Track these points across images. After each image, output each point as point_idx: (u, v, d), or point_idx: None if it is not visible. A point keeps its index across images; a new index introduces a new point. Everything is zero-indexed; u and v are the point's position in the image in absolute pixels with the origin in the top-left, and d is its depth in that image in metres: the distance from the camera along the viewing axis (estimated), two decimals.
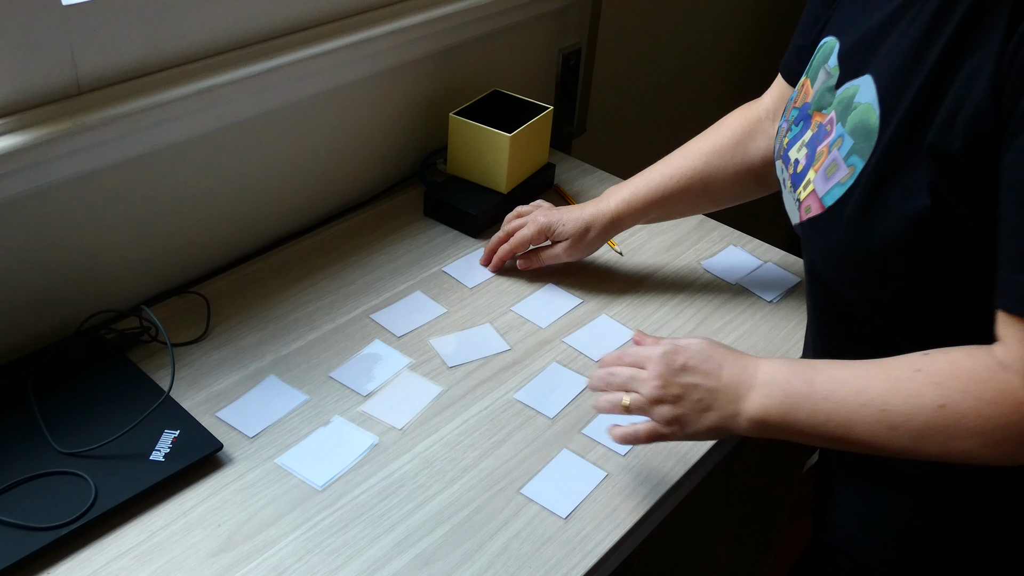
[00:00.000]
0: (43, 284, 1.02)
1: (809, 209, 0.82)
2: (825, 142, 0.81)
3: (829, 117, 0.82)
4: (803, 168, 0.84)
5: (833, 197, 0.78)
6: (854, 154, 0.77)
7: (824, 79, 0.85)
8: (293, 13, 1.14)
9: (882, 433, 0.74)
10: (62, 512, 0.83)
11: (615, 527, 0.89)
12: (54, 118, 0.93)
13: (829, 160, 0.80)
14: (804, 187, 0.83)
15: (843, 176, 0.77)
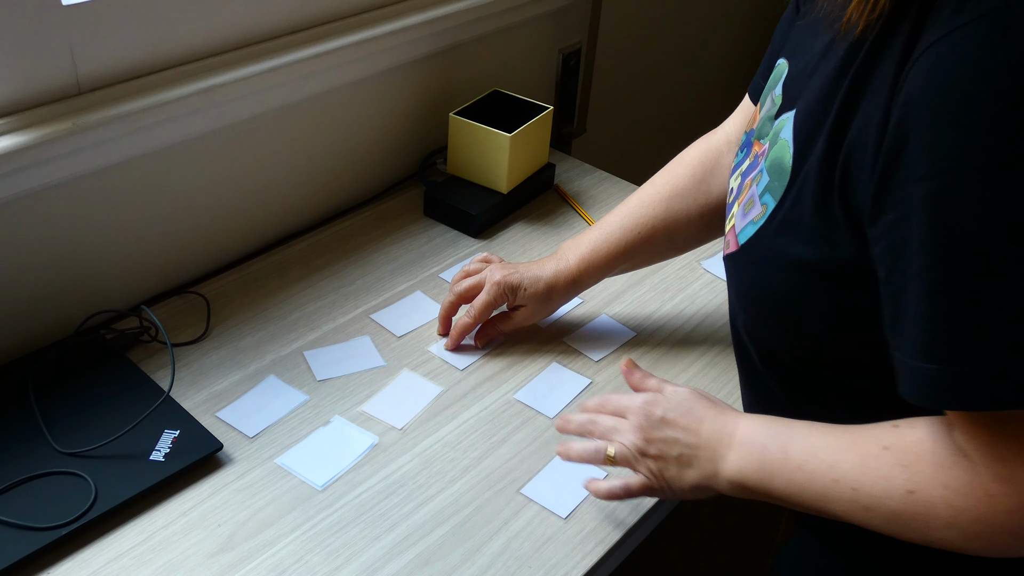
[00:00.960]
0: (43, 284, 1.02)
1: (727, 244, 0.78)
2: (751, 175, 0.78)
3: (763, 148, 0.78)
4: (732, 199, 0.81)
5: (746, 235, 0.75)
6: (768, 192, 0.73)
7: (768, 107, 0.80)
8: (293, 13, 1.14)
9: (858, 513, 0.70)
10: (62, 512, 0.83)
11: (615, 527, 0.89)
12: (54, 118, 0.93)
13: (748, 195, 0.76)
14: (729, 220, 0.80)
15: (756, 215, 0.74)
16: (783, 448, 0.74)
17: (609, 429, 0.83)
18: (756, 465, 0.75)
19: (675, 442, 0.79)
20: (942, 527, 0.66)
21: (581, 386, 1.04)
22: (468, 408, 1.01)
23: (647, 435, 0.80)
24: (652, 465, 0.80)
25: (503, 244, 1.27)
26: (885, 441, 0.69)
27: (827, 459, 0.71)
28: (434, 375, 1.04)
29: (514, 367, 1.06)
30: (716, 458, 0.78)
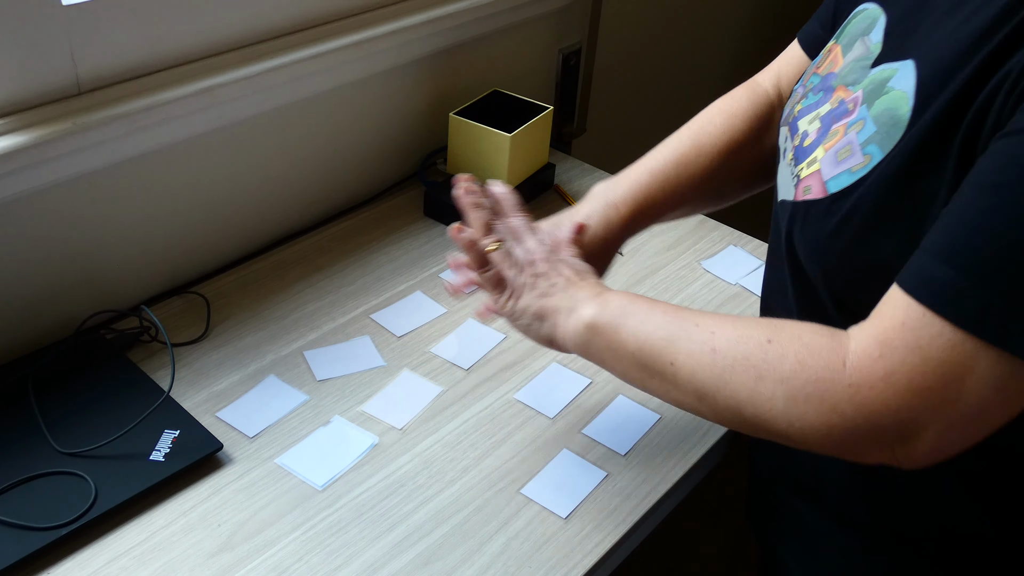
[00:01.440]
0: (43, 284, 1.02)
1: (808, 190, 0.75)
2: (843, 121, 0.74)
3: (854, 96, 0.74)
4: (811, 143, 0.77)
5: (839, 184, 0.71)
6: (873, 143, 0.70)
7: (861, 52, 0.77)
8: (293, 13, 1.14)
9: (703, 354, 0.71)
10: (62, 512, 0.83)
11: (615, 527, 0.89)
12: (54, 118, 0.93)
13: (844, 142, 0.73)
14: (808, 164, 0.76)
15: (856, 164, 0.70)
16: (652, 302, 0.78)
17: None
18: (616, 310, 0.78)
19: (548, 280, 0.84)
20: (776, 379, 0.67)
21: (581, 386, 1.04)
22: (468, 408, 1.01)
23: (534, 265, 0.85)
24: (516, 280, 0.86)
25: None
26: (767, 320, 0.72)
27: (694, 317, 0.74)
28: (434, 375, 1.04)
29: (514, 367, 1.06)
30: (576, 301, 0.81)
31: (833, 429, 0.65)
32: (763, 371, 0.68)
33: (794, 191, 0.77)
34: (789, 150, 0.81)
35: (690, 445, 0.98)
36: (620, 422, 1.00)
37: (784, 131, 0.84)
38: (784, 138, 0.84)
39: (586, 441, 0.98)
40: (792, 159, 0.80)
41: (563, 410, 1.01)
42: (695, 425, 1.00)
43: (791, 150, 0.81)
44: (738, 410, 0.70)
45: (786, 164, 0.81)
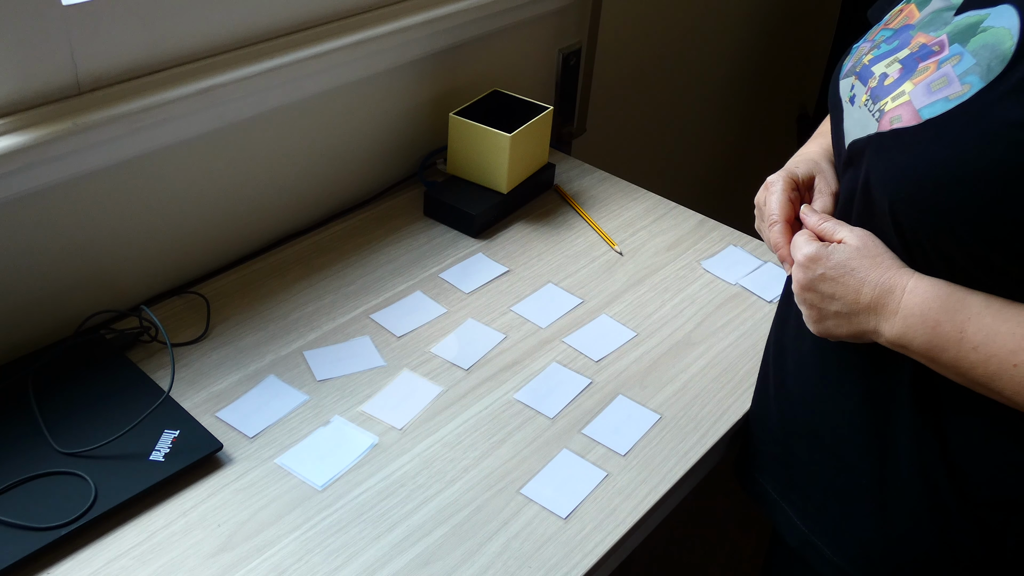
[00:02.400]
0: (43, 284, 1.02)
1: (897, 119, 0.74)
2: (932, 59, 0.74)
3: (938, 39, 0.75)
4: (894, 81, 0.77)
5: (934, 111, 0.71)
6: (973, 74, 0.70)
7: (941, 5, 0.78)
8: (293, 13, 1.14)
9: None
10: (62, 512, 0.83)
11: (615, 527, 0.89)
12: (54, 118, 0.93)
13: (938, 74, 0.73)
14: (894, 98, 0.75)
15: (954, 92, 0.70)
16: (960, 328, 0.72)
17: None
18: (925, 338, 0.74)
19: (832, 299, 0.79)
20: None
21: (581, 386, 1.04)
22: (468, 408, 1.01)
23: (807, 287, 0.80)
24: (811, 312, 0.81)
25: (503, 244, 1.27)
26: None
27: (1009, 345, 0.70)
28: (434, 375, 1.04)
29: (514, 367, 1.06)
30: (878, 320, 0.77)
31: None
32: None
33: (877, 124, 0.76)
34: (862, 94, 0.80)
35: (690, 445, 0.98)
36: (620, 422, 1.00)
37: (849, 81, 0.83)
38: (849, 87, 0.83)
39: (586, 441, 0.98)
40: (867, 99, 0.79)
41: (563, 410, 1.01)
42: (695, 425, 1.01)
43: (865, 92, 0.80)
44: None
45: (856, 108, 0.80)
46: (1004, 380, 0.71)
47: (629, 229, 1.32)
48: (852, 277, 0.77)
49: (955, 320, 0.72)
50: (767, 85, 2.32)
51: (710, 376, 1.07)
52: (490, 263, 1.23)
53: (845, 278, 0.77)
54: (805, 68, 2.43)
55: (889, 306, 0.75)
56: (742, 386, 1.06)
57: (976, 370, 0.72)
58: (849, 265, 0.77)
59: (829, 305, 0.79)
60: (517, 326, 1.13)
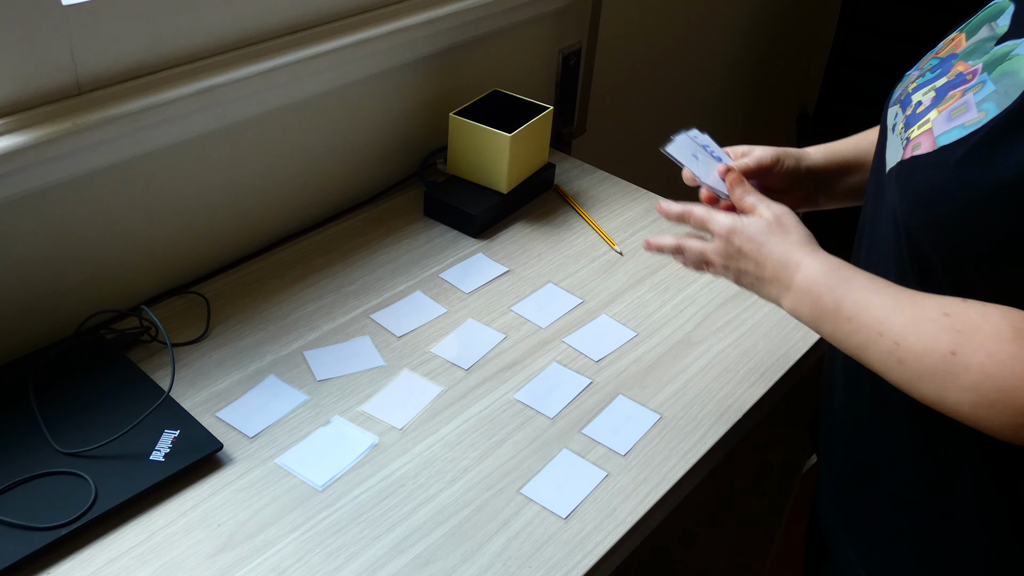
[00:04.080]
0: (43, 284, 1.02)
1: (918, 147, 0.76)
2: (961, 88, 0.76)
3: (974, 68, 0.77)
4: (925, 109, 0.79)
5: (949, 137, 0.73)
6: (990, 101, 0.71)
7: (986, 35, 0.79)
8: (293, 13, 1.14)
9: (891, 365, 0.74)
10: (62, 512, 0.83)
11: (615, 527, 0.89)
12: (54, 118, 0.93)
13: (959, 103, 0.75)
14: (920, 126, 0.78)
15: (970, 119, 0.72)
16: (837, 302, 0.79)
17: (698, 258, 0.91)
18: (808, 310, 0.81)
19: (746, 272, 0.87)
20: (964, 388, 0.69)
21: (581, 386, 1.04)
22: (468, 408, 1.01)
23: (725, 262, 0.88)
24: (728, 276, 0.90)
25: (503, 244, 1.27)
26: (947, 308, 0.72)
27: (877, 315, 0.75)
28: (434, 375, 1.04)
29: (514, 367, 1.06)
30: (778, 292, 0.84)
31: (1020, 429, 0.68)
32: (948, 382, 0.70)
33: (902, 153, 0.79)
34: (900, 122, 0.83)
35: (690, 445, 0.98)
36: (620, 422, 1.00)
37: (895, 109, 0.86)
38: (894, 115, 0.85)
39: (586, 441, 0.98)
40: (902, 128, 0.82)
41: (563, 410, 1.01)
42: (695, 425, 1.01)
43: (902, 122, 0.83)
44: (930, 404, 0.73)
45: (895, 137, 0.83)
46: (872, 349, 0.75)
47: (629, 229, 1.32)
48: (760, 252, 0.85)
49: (835, 295, 0.79)
50: (767, 85, 2.32)
51: (710, 376, 1.07)
52: (490, 263, 1.23)
53: (756, 252, 0.85)
54: (805, 68, 2.43)
55: (785, 280, 0.83)
56: (742, 386, 1.06)
57: (850, 340, 0.78)
58: (759, 240, 0.85)
59: (743, 278, 0.88)
60: (517, 326, 1.13)
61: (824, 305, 0.79)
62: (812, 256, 0.83)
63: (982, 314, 0.70)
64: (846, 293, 0.79)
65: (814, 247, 0.84)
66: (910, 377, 0.73)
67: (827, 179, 1.02)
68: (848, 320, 0.77)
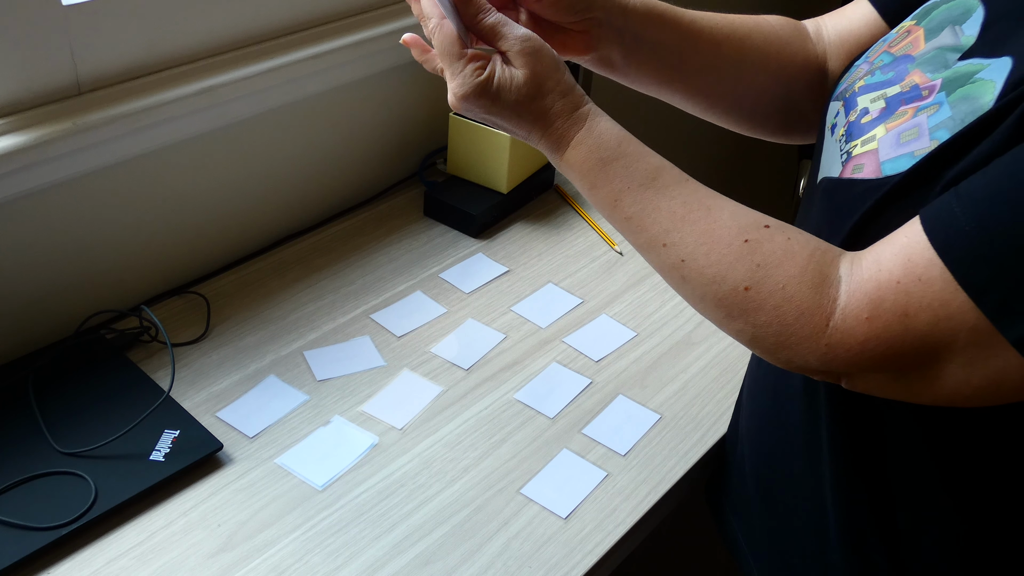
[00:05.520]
0: (43, 284, 1.02)
1: (859, 168, 0.69)
2: (914, 104, 0.68)
3: (931, 83, 0.68)
4: (871, 121, 0.71)
5: (896, 167, 0.65)
6: (944, 128, 0.64)
7: (950, 42, 0.70)
8: (293, 13, 1.14)
9: (673, 278, 0.68)
10: (62, 512, 0.83)
11: (615, 527, 0.89)
12: (54, 118, 0.93)
13: (910, 124, 0.67)
14: (864, 142, 0.70)
15: (920, 147, 0.65)
16: (615, 196, 0.70)
17: (441, 64, 0.73)
18: (583, 191, 0.72)
19: (499, 124, 0.73)
20: (749, 323, 0.65)
21: (581, 386, 1.04)
22: (468, 408, 1.01)
23: (469, 103, 0.71)
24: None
25: (503, 244, 1.27)
26: (749, 235, 0.65)
27: (664, 224, 0.68)
28: (434, 375, 1.04)
29: (514, 367, 1.06)
30: (548, 155, 0.73)
31: (790, 365, 0.65)
32: (734, 313, 0.65)
33: (840, 168, 0.71)
34: (841, 126, 0.75)
35: (690, 444, 0.98)
36: (620, 422, 1.00)
37: (836, 106, 0.78)
38: (835, 113, 0.78)
39: (586, 441, 0.98)
40: (843, 135, 0.74)
41: (563, 410, 1.01)
42: (695, 425, 1.01)
43: (843, 126, 0.75)
44: (709, 319, 0.68)
45: (833, 140, 0.75)
46: (652, 256, 0.69)
47: None
48: (521, 122, 0.72)
49: (612, 187, 0.69)
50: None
51: (710, 376, 1.07)
52: (490, 263, 1.23)
53: (513, 121, 0.72)
54: None
55: (555, 155, 0.72)
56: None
57: (630, 238, 0.70)
58: (516, 111, 0.71)
59: (493, 123, 0.73)
60: (517, 326, 1.13)
61: (600, 196, 0.70)
62: (584, 131, 0.70)
63: (787, 251, 0.64)
64: (625, 190, 0.69)
65: (583, 110, 0.71)
66: (692, 296, 0.68)
67: (634, 27, 0.82)
68: (627, 220, 0.69)
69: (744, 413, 0.92)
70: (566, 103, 0.71)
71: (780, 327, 0.64)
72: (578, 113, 0.71)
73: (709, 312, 0.68)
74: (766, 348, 0.66)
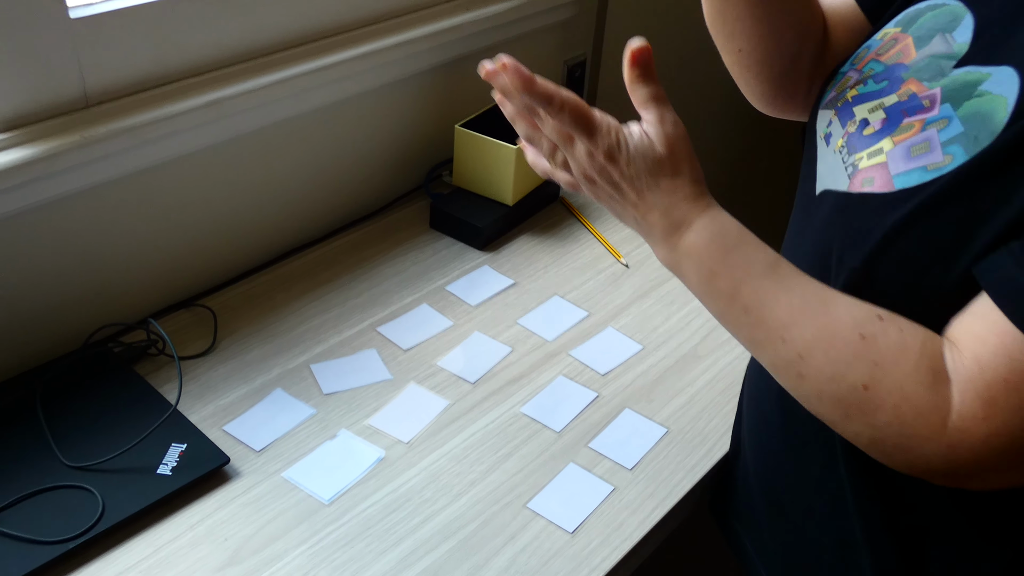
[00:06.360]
0: (51, 296, 1.02)
1: (870, 181, 0.68)
2: (918, 116, 0.68)
3: (930, 92, 0.68)
4: (875, 132, 0.71)
5: (908, 181, 0.65)
6: (957, 144, 0.64)
7: (942, 49, 0.70)
8: (298, 26, 1.14)
9: (788, 375, 0.67)
10: (69, 526, 0.83)
11: (622, 541, 0.89)
12: (62, 131, 0.93)
13: (920, 137, 0.67)
14: (871, 155, 0.70)
15: (933, 162, 0.65)
16: (734, 286, 0.68)
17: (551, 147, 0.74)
18: (695, 281, 0.71)
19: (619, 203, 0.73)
20: (868, 424, 0.64)
21: (588, 399, 1.04)
22: (475, 422, 1.01)
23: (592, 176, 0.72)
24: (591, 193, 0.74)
25: (509, 256, 1.27)
26: (865, 329, 0.64)
27: (782, 317, 0.66)
28: (441, 389, 1.04)
29: (520, 380, 1.06)
30: (655, 242, 0.73)
31: (913, 469, 0.64)
32: (852, 414, 0.64)
33: (848, 181, 0.71)
34: (838, 136, 0.75)
35: (697, 459, 0.98)
36: (627, 436, 1.00)
37: (828, 115, 0.78)
38: (827, 122, 0.77)
39: (593, 455, 0.98)
40: (843, 146, 0.73)
41: (570, 424, 1.01)
42: (701, 438, 1.00)
43: (842, 137, 0.74)
44: (824, 421, 0.67)
45: (831, 151, 0.75)
46: (769, 351, 0.68)
47: (635, 241, 1.32)
48: (643, 198, 0.71)
49: (732, 276, 0.68)
50: None
51: (717, 389, 1.07)
52: (496, 275, 1.23)
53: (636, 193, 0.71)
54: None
55: (670, 239, 0.71)
56: None
57: (744, 332, 0.69)
58: (644, 183, 0.70)
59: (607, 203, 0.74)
60: (523, 339, 1.13)
61: (718, 286, 0.69)
62: (708, 219, 0.70)
63: (900, 345, 0.63)
64: (745, 278, 0.68)
65: (707, 200, 0.71)
66: (809, 394, 0.66)
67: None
68: (745, 311, 0.68)
69: (746, 424, 0.92)
70: (694, 189, 0.71)
71: (900, 427, 0.63)
72: (703, 200, 0.71)
73: (826, 411, 0.66)
74: (886, 451, 0.65)
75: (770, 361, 0.68)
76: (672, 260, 0.72)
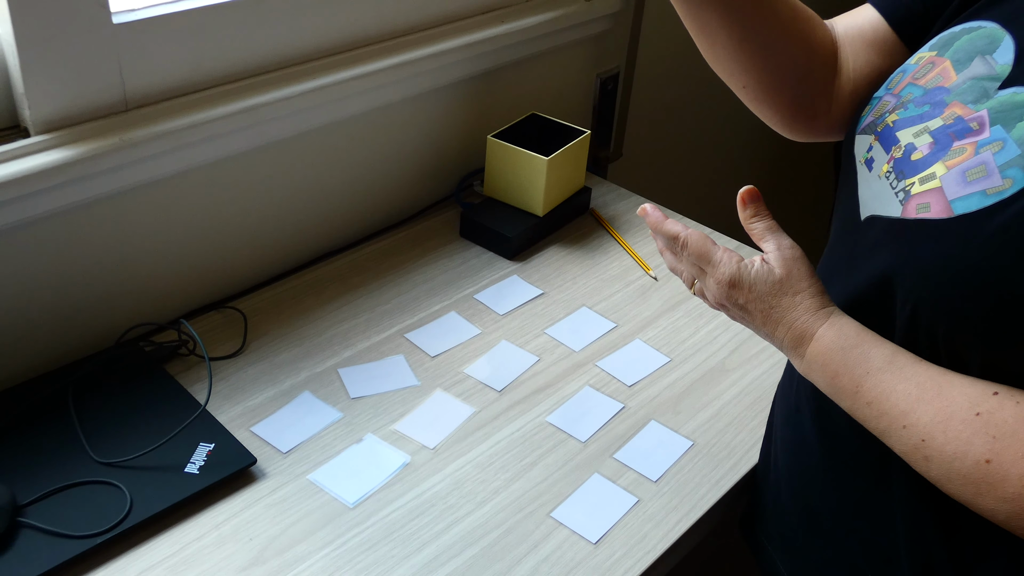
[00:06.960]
0: (86, 295, 1.03)
1: (925, 208, 0.68)
2: (969, 139, 0.68)
3: (977, 115, 0.69)
4: (924, 157, 0.71)
5: (968, 206, 0.65)
6: (1016, 167, 0.64)
7: (984, 71, 0.71)
8: (334, 35, 1.15)
9: (916, 459, 0.68)
10: (97, 521, 0.84)
11: (645, 554, 0.88)
12: (102, 133, 0.95)
13: (975, 162, 0.67)
14: (923, 180, 0.70)
15: (993, 187, 0.65)
16: (856, 383, 0.72)
17: (689, 277, 0.83)
18: (823, 382, 0.75)
19: (749, 323, 0.80)
20: (1000, 498, 0.64)
21: (614, 411, 1.04)
22: (500, 430, 1.01)
23: (722, 302, 0.80)
24: (727, 314, 0.82)
25: (538, 267, 1.27)
26: (980, 407, 0.66)
27: (901, 406, 0.69)
28: (467, 396, 1.05)
29: (547, 390, 1.06)
30: (787, 353, 0.78)
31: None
32: (982, 490, 0.65)
33: (900, 207, 0.71)
34: (882, 161, 0.75)
35: (722, 472, 0.97)
36: (652, 447, 1.00)
37: (867, 140, 0.78)
38: (867, 147, 0.78)
39: (617, 466, 0.97)
40: (889, 171, 0.74)
41: (595, 434, 1.01)
42: (727, 452, 1.00)
43: (887, 162, 0.75)
44: (960, 502, 0.69)
45: (875, 176, 0.75)
46: (893, 439, 0.70)
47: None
48: (768, 316, 0.77)
49: (853, 374, 0.72)
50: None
51: (744, 403, 1.06)
52: (525, 285, 1.23)
53: (761, 314, 0.77)
54: None
55: (795, 348, 0.76)
56: None
57: (869, 424, 0.72)
58: (767, 301, 0.77)
59: (743, 323, 0.80)
60: (550, 349, 1.13)
61: (841, 384, 0.73)
62: (828, 326, 0.74)
63: (1017, 416, 0.64)
64: (865, 375, 0.72)
65: (827, 309, 0.75)
66: (938, 476, 0.68)
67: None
68: (868, 405, 0.71)
69: (779, 443, 0.91)
70: (815, 302, 0.75)
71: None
72: (825, 311, 0.75)
73: (959, 491, 0.67)
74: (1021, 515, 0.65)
75: (900, 449, 0.70)
76: (804, 369, 0.76)
